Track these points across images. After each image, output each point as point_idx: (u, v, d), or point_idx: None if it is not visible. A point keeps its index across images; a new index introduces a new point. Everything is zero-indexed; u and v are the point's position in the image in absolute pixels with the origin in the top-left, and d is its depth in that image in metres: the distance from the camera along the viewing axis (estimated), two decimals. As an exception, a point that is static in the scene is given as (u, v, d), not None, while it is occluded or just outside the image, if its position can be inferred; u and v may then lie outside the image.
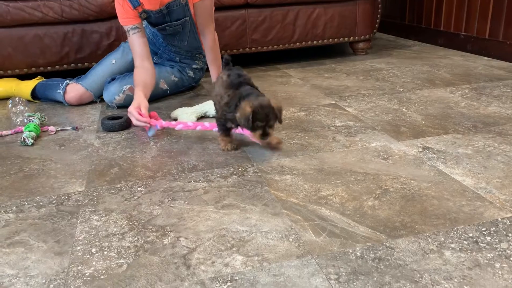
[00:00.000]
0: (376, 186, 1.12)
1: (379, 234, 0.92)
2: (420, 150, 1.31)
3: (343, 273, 0.81)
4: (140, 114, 1.50)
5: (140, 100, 1.56)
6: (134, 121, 1.51)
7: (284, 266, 0.84)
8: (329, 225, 0.96)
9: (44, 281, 0.83)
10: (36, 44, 2.11)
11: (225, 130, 1.38)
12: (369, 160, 1.26)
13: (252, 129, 1.25)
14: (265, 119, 1.24)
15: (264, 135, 1.26)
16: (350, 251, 0.87)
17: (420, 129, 1.47)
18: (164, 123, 1.51)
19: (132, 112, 1.51)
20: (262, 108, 1.23)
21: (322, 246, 0.89)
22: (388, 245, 0.88)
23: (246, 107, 1.24)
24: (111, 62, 1.94)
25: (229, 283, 0.80)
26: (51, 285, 0.82)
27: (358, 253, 0.86)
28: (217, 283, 0.80)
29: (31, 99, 1.99)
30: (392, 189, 1.10)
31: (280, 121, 1.29)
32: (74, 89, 1.90)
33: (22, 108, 1.73)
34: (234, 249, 0.90)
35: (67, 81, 1.92)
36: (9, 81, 2.07)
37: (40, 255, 0.91)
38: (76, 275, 0.84)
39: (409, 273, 0.80)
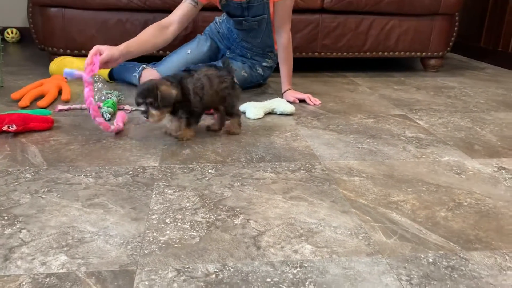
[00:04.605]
0: (449, 198, 1.09)
1: (452, 244, 0.90)
2: (496, 169, 1.26)
3: (415, 276, 0.80)
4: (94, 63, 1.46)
5: (112, 48, 1.50)
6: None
7: (354, 261, 0.84)
8: (399, 229, 0.95)
9: (122, 241, 0.87)
10: (118, 29, 2.23)
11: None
12: (441, 173, 1.23)
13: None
14: (141, 96, 1.32)
15: (143, 112, 1.33)
16: (422, 256, 0.86)
17: (495, 149, 1.42)
18: (89, 99, 1.39)
19: (92, 50, 1.47)
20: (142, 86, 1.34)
21: (393, 248, 0.88)
22: (462, 256, 0.86)
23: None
24: (186, 52, 2.01)
25: (298, 268, 0.81)
26: (129, 246, 0.86)
27: (431, 259, 0.85)
28: (286, 267, 0.81)
29: (107, 79, 2.10)
30: (465, 203, 1.07)
31: (159, 104, 1.30)
32: (149, 74, 1.98)
33: (100, 86, 1.83)
34: (303, 238, 0.91)
35: (144, 65, 2.01)
36: (90, 60, 2.20)
37: (118, 218, 0.96)
38: (152, 240, 0.88)
39: (485, 286, 0.78)
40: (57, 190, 1.07)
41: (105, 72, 2.10)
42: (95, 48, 1.50)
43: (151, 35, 1.67)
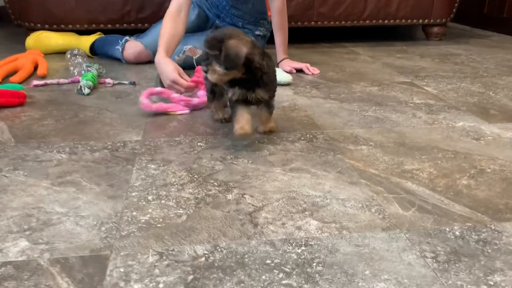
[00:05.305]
0: (469, 165, 0.96)
1: (480, 215, 0.78)
2: (517, 134, 1.14)
3: (441, 252, 0.67)
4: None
5: (176, 65, 1.39)
6: (182, 86, 1.34)
7: (368, 237, 0.71)
8: (417, 200, 0.82)
9: (95, 222, 0.74)
10: (98, 0, 2.06)
11: (213, 93, 1.19)
12: (457, 139, 1.10)
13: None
14: (207, 45, 1.00)
15: (205, 65, 1.01)
16: (447, 229, 0.73)
17: (513, 113, 1.29)
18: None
19: (178, 80, 1.34)
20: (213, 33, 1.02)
21: (412, 221, 0.76)
22: (493, 227, 0.74)
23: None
24: (172, 22, 1.85)
25: (303, 247, 0.68)
26: (103, 228, 0.73)
27: (457, 233, 0.72)
28: (289, 246, 0.69)
29: (89, 54, 1.95)
30: (489, 170, 0.94)
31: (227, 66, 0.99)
32: (132, 46, 1.83)
33: (80, 60, 1.68)
34: (307, 212, 0.78)
35: (127, 37, 1.86)
36: (69, 35, 2.04)
37: (92, 197, 0.83)
38: (130, 220, 0.75)
39: (525, 262, 0.66)
40: (23, 168, 0.93)
41: (86, 46, 1.95)
42: (173, 79, 1.35)
43: (173, 29, 1.48)
